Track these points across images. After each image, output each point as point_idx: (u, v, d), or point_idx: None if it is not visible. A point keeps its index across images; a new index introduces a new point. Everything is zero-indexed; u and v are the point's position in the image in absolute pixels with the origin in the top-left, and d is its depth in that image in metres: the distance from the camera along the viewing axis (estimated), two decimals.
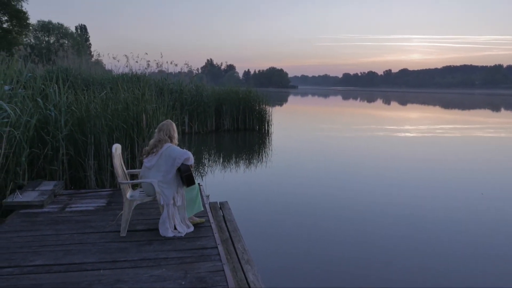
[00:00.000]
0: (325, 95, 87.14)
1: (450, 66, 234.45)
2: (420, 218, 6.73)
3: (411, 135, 18.29)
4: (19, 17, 30.90)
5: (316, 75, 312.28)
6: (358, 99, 67.90)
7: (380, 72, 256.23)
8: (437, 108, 44.62)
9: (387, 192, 8.38)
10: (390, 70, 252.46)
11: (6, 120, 5.14)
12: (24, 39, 36.25)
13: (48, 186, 5.83)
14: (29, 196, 5.34)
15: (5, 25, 30.97)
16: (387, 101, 60.08)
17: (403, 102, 58.38)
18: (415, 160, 12.14)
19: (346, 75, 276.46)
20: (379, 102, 58.93)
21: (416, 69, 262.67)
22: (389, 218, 6.74)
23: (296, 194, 8.20)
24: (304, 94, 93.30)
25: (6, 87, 5.28)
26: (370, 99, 66.45)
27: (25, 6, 32.01)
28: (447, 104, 53.05)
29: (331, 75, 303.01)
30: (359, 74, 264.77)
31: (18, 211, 5.10)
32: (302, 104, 50.64)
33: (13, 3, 30.85)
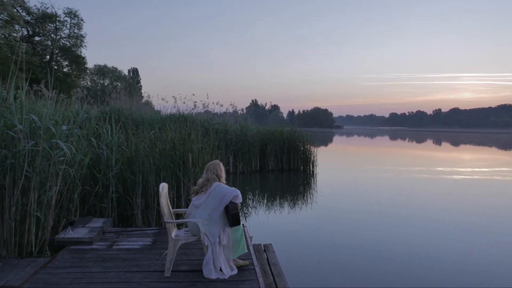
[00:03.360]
0: (371, 135, 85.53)
1: (506, 104, 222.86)
2: (482, 273, 6.23)
3: (465, 177, 17.35)
4: (78, 61, 33.32)
5: (362, 115, 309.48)
6: (407, 139, 65.97)
7: (429, 111, 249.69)
8: (494, 149, 42.16)
9: (433, 236, 7.88)
10: (440, 110, 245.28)
11: (62, 158, 5.41)
12: (82, 82, 38.82)
13: (97, 223, 5.99)
14: (80, 232, 5.50)
15: (65, 69, 33.47)
16: (437, 142, 57.86)
17: (455, 142, 55.94)
18: (469, 204, 11.43)
19: (393, 115, 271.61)
20: (429, 142, 56.81)
21: (468, 108, 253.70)
22: (439, 264, 6.28)
23: (343, 237, 7.90)
24: (349, 134, 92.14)
25: (64, 127, 5.59)
26: (420, 139, 64.27)
27: (84, 52, 34.58)
28: (505, 145, 50.08)
29: (377, 114, 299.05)
30: (407, 114, 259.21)
31: (68, 247, 5.25)
32: (347, 144, 49.91)
33: (73, 49, 33.42)
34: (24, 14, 31.06)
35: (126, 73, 60.94)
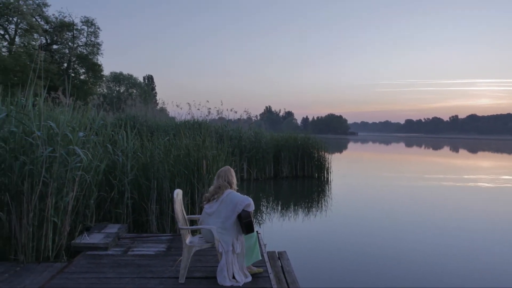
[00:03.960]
0: (387, 142, 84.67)
1: None
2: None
3: (484, 185, 17.03)
4: (95, 69, 33.94)
5: (377, 121, 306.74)
6: (423, 146, 65.15)
7: (445, 117, 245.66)
8: None
9: (450, 244, 7.73)
10: (456, 116, 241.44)
11: (79, 164, 5.48)
12: (98, 89, 39.40)
13: (113, 229, 6.03)
14: (95, 238, 5.55)
15: (82, 77, 34.11)
16: (454, 148, 56.96)
17: (473, 149, 54.97)
18: (489, 213, 11.20)
19: (408, 121, 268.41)
20: (446, 149, 55.98)
21: (486, 114, 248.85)
22: (455, 273, 6.15)
23: (357, 244, 7.80)
24: (364, 140, 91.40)
25: (80, 134, 5.66)
26: (436, 146, 63.36)
27: (100, 59, 35.19)
28: None
29: (392, 121, 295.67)
30: (423, 120, 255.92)
31: (84, 252, 5.30)
32: (362, 151, 49.51)
33: (90, 57, 34.03)
34: (42, 23, 31.79)
35: (141, 80, 61.58)
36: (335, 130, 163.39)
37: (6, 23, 29.56)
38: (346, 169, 23.31)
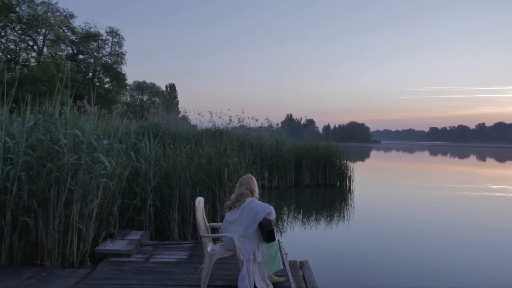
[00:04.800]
0: (411, 150, 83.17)
1: None
2: None
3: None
4: (119, 78, 34.69)
5: (400, 129, 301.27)
6: (448, 154, 63.67)
7: (471, 125, 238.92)
8: None
9: (477, 256, 7.49)
10: (483, 124, 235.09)
11: (103, 172, 5.58)
12: (122, 98, 40.19)
13: (135, 236, 6.10)
14: (118, 245, 5.62)
15: (106, 86, 34.90)
16: (481, 157, 55.43)
17: (501, 158, 53.32)
18: None
19: (433, 129, 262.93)
20: (472, 158, 54.54)
21: None
22: (481, 284, 5.95)
23: (380, 254, 7.65)
24: (387, 149, 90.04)
25: (105, 142, 5.77)
26: (462, 155, 61.78)
27: (124, 68, 35.96)
28: None
29: (416, 129, 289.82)
30: (448, 128, 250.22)
31: (108, 258, 5.37)
32: (385, 160, 48.77)
33: (114, 67, 34.82)
34: (69, 34, 32.76)
35: (164, 89, 62.52)
36: (357, 138, 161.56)
37: (35, 34, 30.59)
38: (368, 177, 22.98)
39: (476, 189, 18.06)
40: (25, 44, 30.87)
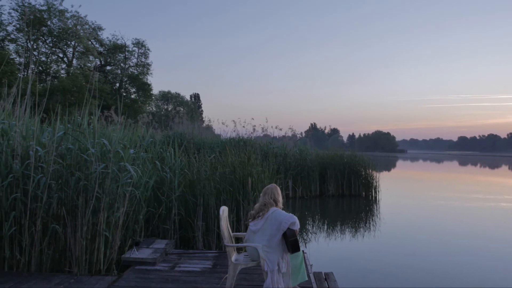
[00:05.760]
0: (438, 160, 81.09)
1: None
2: None
3: None
4: (145, 88, 35.34)
5: (427, 139, 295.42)
6: (478, 164, 61.76)
7: (503, 134, 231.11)
8: None
9: (506, 269, 7.19)
10: None
11: (129, 180, 5.66)
12: (147, 108, 40.86)
13: (160, 244, 6.14)
14: (144, 253, 5.67)
15: (133, 96, 35.60)
16: None
17: None
18: None
19: (462, 138, 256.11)
20: (504, 168, 52.61)
21: None
22: None
23: (407, 266, 7.45)
24: (414, 158, 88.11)
25: (131, 151, 5.87)
26: (493, 165, 59.73)
27: (149, 79, 36.62)
28: None
29: (444, 138, 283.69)
30: (478, 137, 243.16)
31: (133, 266, 5.42)
32: (412, 170, 47.73)
33: (140, 77, 35.54)
34: (97, 46, 33.71)
35: (188, 98, 63.27)
36: (383, 148, 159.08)
37: (65, 46, 31.61)
38: (395, 188, 22.52)
39: (509, 200, 17.42)
40: (56, 56, 31.95)
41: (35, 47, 28.63)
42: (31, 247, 5.11)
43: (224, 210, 4.65)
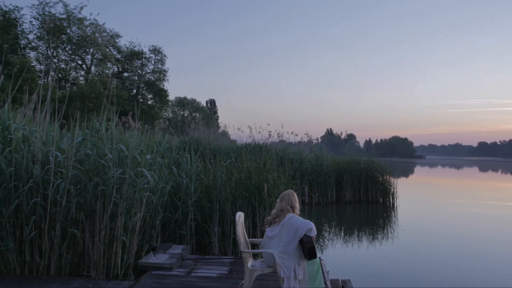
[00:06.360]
0: (458, 166, 79.57)
1: None
2: None
3: None
4: (161, 94, 35.67)
5: (446, 144, 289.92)
6: (499, 170, 60.41)
7: None
8: None
9: None
10: None
11: (146, 186, 5.71)
12: (164, 114, 41.22)
13: (177, 249, 6.16)
14: (161, 258, 5.69)
15: (149, 102, 35.97)
16: None
17: None
18: None
19: (482, 144, 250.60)
20: None
21: None
22: None
23: (426, 273, 7.31)
24: (432, 164, 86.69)
25: (148, 156, 5.92)
26: None
27: (166, 85, 36.96)
28: None
29: (463, 143, 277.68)
30: (499, 143, 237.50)
31: (150, 271, 5.44)
32: (430, 176, 46.97)
33: (157, 83, 35.93)
34: (115, 52, 34.23)
35: (204, 104, 63.68)
36: (400, 153, 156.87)
37: (84, 54, 32.20)
38: (413, 194, 22.19)
39: None
40: (75, 63, 32.55)
41: (55, 54, 29.21)
42: (51, 251, 5.18)
43: (240, 216, 4.64)
